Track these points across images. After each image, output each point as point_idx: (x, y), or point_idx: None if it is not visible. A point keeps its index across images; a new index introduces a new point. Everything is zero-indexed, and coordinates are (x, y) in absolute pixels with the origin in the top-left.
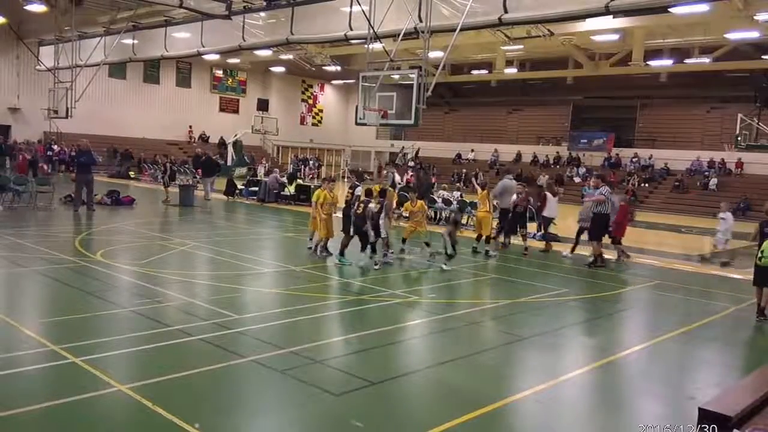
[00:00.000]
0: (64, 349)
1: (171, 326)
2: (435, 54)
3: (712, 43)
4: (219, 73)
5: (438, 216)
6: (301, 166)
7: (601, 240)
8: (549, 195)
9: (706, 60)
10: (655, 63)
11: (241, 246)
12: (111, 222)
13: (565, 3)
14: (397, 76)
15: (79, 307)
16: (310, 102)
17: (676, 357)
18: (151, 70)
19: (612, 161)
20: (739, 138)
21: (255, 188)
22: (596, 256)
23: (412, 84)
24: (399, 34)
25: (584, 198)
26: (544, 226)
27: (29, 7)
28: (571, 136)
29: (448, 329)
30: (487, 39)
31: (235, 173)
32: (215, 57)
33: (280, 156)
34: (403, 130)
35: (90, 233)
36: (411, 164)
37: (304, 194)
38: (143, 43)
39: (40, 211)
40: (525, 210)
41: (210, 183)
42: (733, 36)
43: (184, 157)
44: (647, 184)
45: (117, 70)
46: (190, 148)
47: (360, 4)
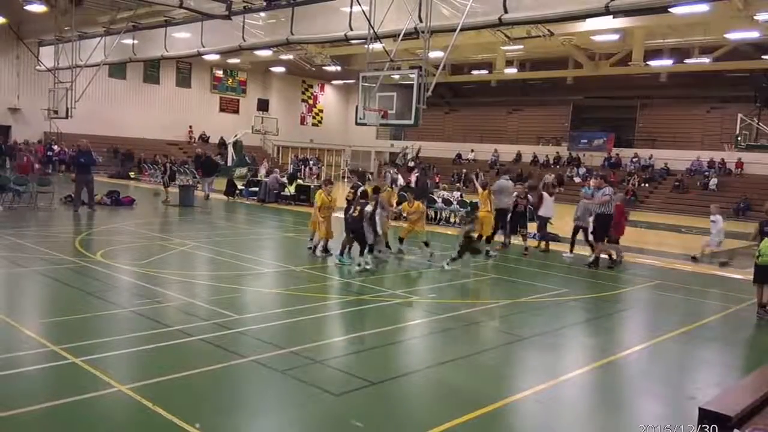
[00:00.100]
0: (65, 349)
1: (171, 326)
2: (435, 54)
3: (712, 43)
4: (219, 73)
5: (438, 216)
6: (302, 166)
7: (605, 240)
8: (545, 195)
9: (706, 60)
10: (655, 63)
11: (242, 246)
12: (111, 222)
13: (565, 3)
14: (397, 76)
15: (79, 308)
16: (311, 102)
17: (677, 357)
18: (151, 70)
19: (612, 161)
20: (739, 138)
21: (255, 188)
22: (608, 256)
23: (412, 84)
24: (399, 34)
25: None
26: (541, 225)
27: (29, 8)
28: (571, 136)
29: (449, 329)
30: (487, 39)
31: (236, 173)
32: (215, 57)
33: (280, 156)
34: (403, 130)
35: (90, 233)
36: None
37: (304, 194)
38: (143, 43)
39: (41, 212)
40: (525, 209)
41: (209, 183)
42: (733, 36)
43: (183, 158)
44: (647, 184)
45: (117, 70)
46: (191, 148)
47: (360, 4)
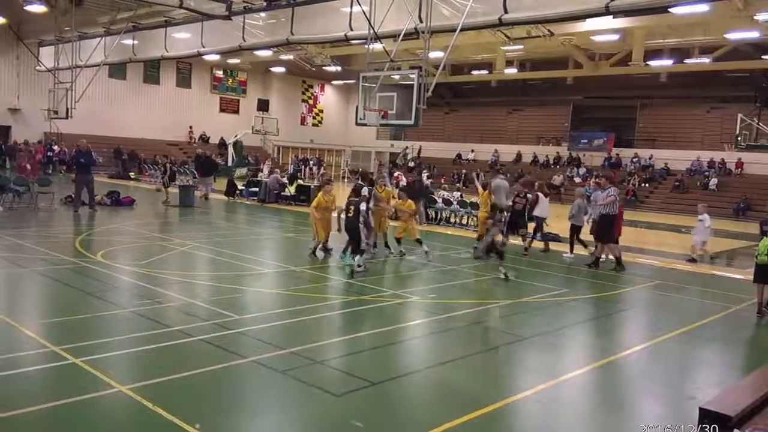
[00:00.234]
0: (65, 349)
1: (171, 327)
2: (435, 54)
3: (712, 43)
4: (219, 73)
5: (438, 216)
6: (302, 166)
7: (610, 241)
8: (541, 195)
9: (706, 60)
10: (655, 63)
11: (242, 246)
12: (111, 222)
13: (565, 3)
14: (397, 77)
15: (79, 308)
16: (311, 102)
17: (677, 357)
18: (152, 71)
19: (612, 161)
20: (739, 138)
21: (255, 189)
22: (614, 258)
23: (413, 84)
24: (399, 35)
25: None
26: (537, 226)
27: (29, 8)
28: (572, 136)
29: (449, 329)
30: (488, 39)
31: (236, 174)
32: (215, 57)
33: (280, 156)
34: (403, 130)
35: (90, 234)
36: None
37: (305, 195)
38: (143, 43)
39: (41, 212)
40: (523, 209)
41: (209, 183)
42: (733, 36)
43: (183, 158)
44: (647, 184)
45: (117, 70)
46: (191, 148)
47: (360, 5)
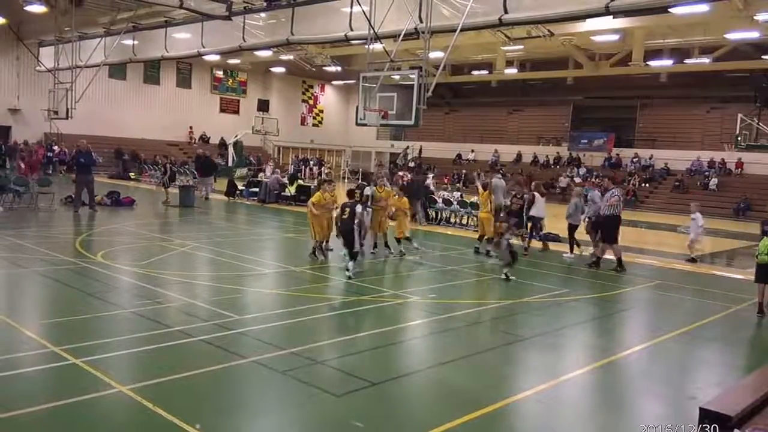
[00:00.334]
0: (65, 350)
1: (172, 327)
2: (435, 54)
3: (712, 43)
4: (219, 73)
5: (438, 216)
6: (302, 166)
7: (616, 242)
8: (537, 195)
9: (706, 60)
10: (655, 63)
11: (242, 247)
12: (111, 223)
13: (565, 3)
14: (397, 77)
15: (79, 309)
16: (311, 102)
17: (677, 357)
18: (152, 71)
19: (612, 161)
20: (739, 138)
21: (255, 189)
22: (616, 259)
23: (413, 84)
24: (399, 35)
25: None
26: (534, 226)
27: (29, 8)
28: (572, 136)
29: (449, 329)
30: (488, 39)
31: (236, 174)
32: (215, 57)
33: (281, 156)
34: (403, 130)
35: (90, 234)
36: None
37: (305, 195)
38: (143, 43)
39: (41, 212)
40: (521, 209)
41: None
42: (733, 36)
43: (184, 158)
44: (647, 184)
45: (117, 70)
46: (191, 148)
47: (360, 5)
